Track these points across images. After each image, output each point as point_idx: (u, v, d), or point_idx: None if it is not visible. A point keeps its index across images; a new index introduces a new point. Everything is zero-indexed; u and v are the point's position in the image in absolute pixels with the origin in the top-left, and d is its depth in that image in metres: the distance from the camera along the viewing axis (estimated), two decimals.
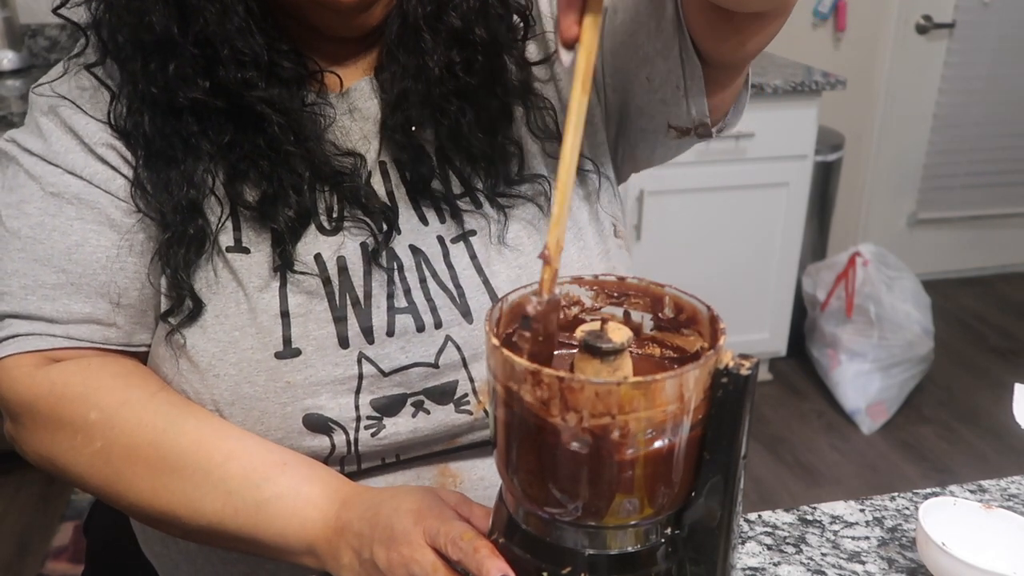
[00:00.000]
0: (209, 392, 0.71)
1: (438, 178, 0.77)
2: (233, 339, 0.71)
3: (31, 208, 0.72)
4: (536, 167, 0.79)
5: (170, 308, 0.72)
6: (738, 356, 0.50)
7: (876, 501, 0.83)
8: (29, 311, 0.72)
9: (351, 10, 0.70)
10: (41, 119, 0.74)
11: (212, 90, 0.70)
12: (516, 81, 0.77)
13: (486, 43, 0.74)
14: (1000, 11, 3.06)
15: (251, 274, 0.72)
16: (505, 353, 0.48)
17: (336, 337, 0.71)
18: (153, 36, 0.68)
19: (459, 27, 0.73)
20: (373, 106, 0.77)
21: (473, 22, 0.73)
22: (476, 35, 0.73)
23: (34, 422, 0.71)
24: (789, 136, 2.43)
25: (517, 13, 0.77)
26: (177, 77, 0.69)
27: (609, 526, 0.51)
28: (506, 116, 0.77)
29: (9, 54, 2.32)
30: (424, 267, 0.74)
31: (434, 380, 0.73)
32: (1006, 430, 2.48)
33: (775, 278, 2.62)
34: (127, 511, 0.73)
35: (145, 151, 0.72)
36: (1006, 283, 3.46)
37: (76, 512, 2.16)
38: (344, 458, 0.73)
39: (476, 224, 0.77)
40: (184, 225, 0.71)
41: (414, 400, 0.73)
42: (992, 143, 3.25)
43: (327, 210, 0.74)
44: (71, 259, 0.72)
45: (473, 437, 0.76)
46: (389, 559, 0.60)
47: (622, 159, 0.86)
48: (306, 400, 0.71)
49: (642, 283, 0.57)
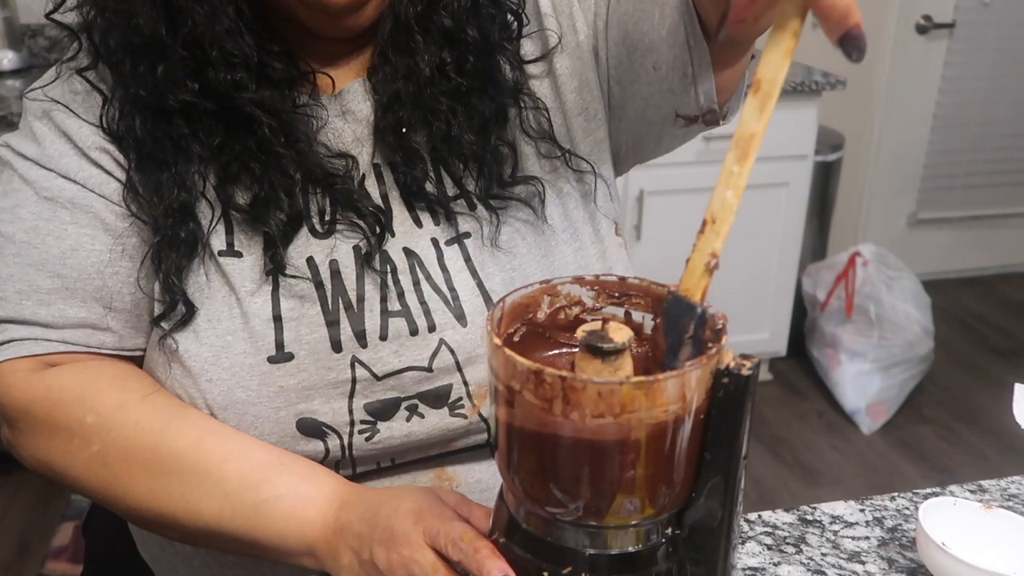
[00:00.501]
0: (202, 397, 0.71)
1: (431, 180, 0.76)
2: (226, 343, 0.71)
3: (25, 212, 0.72)
4: (529, 168, 0.78)
5: (162, 312, 0.71)
6: (739, 356, 0.50)
7: (876, 501, 0.83)
8: (24, 316, 0.71)
9: (341, 11, 0.69)
10: (35, 123, 0.74)
11: (202, 92, 0.69)
12: (509, 81, 0.77)
13: (478, 43, 0.74)
14: (1000, 11, 3.06)
15: (243, 278, 0.72)
16: (507, 353, 0.48)
17: (329, 341, 0.71)
18: (142, 38, 0.68)
19: (450, 27, 0.73)
20: (366, 108, 0.77)
21: (464, 22, 0.73)
22: (467, 35, 0.73)
23: (30, 427, 0.71)
24: (789, 136, 2.43)
25: (510, 12, 0.77)
26: (167, 79, 0.68)
27: (610, 526, 0.51)
28: (499, 117, 0.76)
29: (9, 54, 2.32)
30: (418, 270, 0.74)
31: (428, 384, 0.73)
32: (1006, 430, 2.48)
33: (775, 278, 2.62)
34: (125, 515, 0.72)
35: (137, 154, 0.71)
36: (1006, 283, 3.46)
37: (76, 512, 2.16)
38: (339, 462, 0.73)
39: (470, 226, 0.76)
40: (175, 229, 0.70)
41: (408, 404, 0.73)
42: (992, 143, 3.25)
43: (319, 213, 0.74)
44: (65, 264, 0.71)
45: (468, 441, 0.76)
46: (389, 560, 0.59)
47: (625, 153, 0.85)
48: (299, 404, 0.70)
49: (643, 283, 0.57)
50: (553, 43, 0.79)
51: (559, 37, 0.79)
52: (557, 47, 0.79)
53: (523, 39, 0.79)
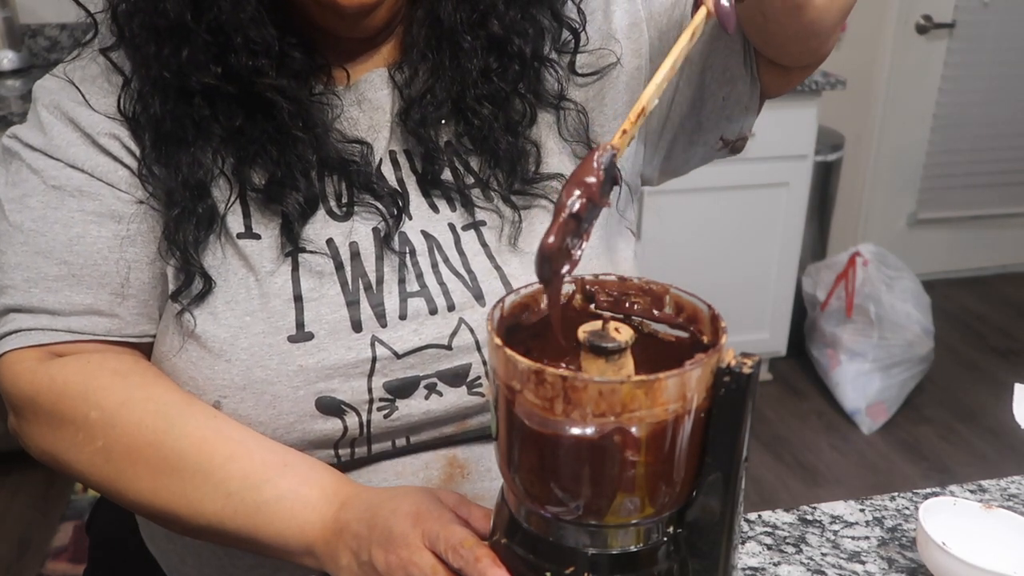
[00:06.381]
0: (220, 378, 0.71)
1: (449, 169, 0.78)
2: (244, 324, 0.71)
3: (33, 202, 0.73)
4: (556, 166, 0.79)
5: (179, 287, 0.72)
6: (740, 355, 0.50)
7: (876, 501, 0.83)
8: (32, 304, 0.72)
9: (354, 13, 0.71)
10: (43, 113, 0.75)
11: (224, 76, 0.71)
12: (552, 90, 0.79)
13: (524, 54, 0.76)
14: (1000, 11, 3.06)
15: (262, 259, 0.73)
16: (508, 352, 0.48)
17: (349, 321, 0.72)
18: (167, 22, 0.69)
19: (500, 35, 0.75)
20: (384, 96, 0.78)
21: (514, 33, 0.75)
22: (515, 45, 0.75)
23: (36, 417, 0.72)
24: (789, 136, 2.43)
25: (568, 29, 0.79)
26: (190, 63, 0.70)
27: (611, 525, 0.52)
28: (531, 119, 0.78)
29: (9, 54, 2.32)
30: (436, 252, 0.75)
31: (447, 362, 0.73)
32: (1006, 430, 2.48)
33: (775, 278, 2.62)
34: (129, 508, 0.73)
35: (155, 133, 0.72)
36: (1006, 283, 3.46)
37: (76, 512, 2.16)
38: (355, 440, 0.73)
39: (487, 216, 0.77)
40: (193, 203, 0.72)
41: (427, 383, 0.73)
42: (992, 143, 3.25)
43: (336, 196, 0.75)
44: (72, 250, 0.72)
45: (483, 419, 0.76)
46: (388, 561, 0.60)
47: (655, 167, 0.89)
48: (319, 384, 0.71)
49: (643, 282, 0.58)
50: (610, 62, 0.80)
51: (618, 59, 0.80)
52: (615, 65, 0.81)
53: (581, 54, 0.80)
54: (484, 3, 0.75)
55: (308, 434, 0.71)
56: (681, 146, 0.86)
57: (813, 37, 0.71)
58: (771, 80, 0.81)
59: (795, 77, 0.81)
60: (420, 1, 0.77)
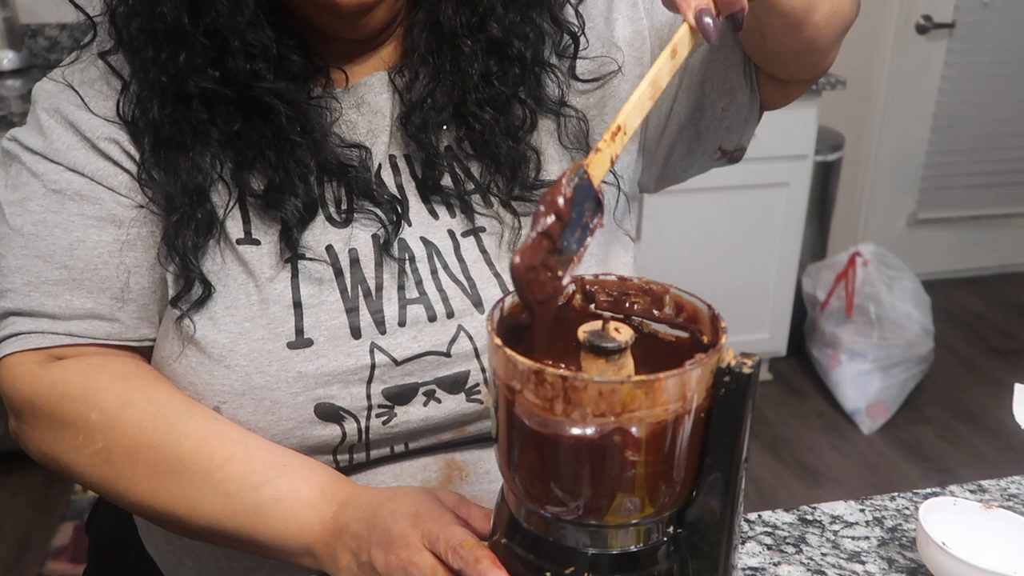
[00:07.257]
0: (219, 383, 0.71)
1: (449, 174, 0.77)
2: (244, 330, 0.71)
3: (33, 205, 0.73)
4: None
5: (178, 293, 0.72)
6: (740, 354, 0.50)
7: (876, 501, 0.83)
8: (32, 307, 0.72)
9: (352, 14, 0.71)
10: (42, 116, 0.75)
11: (222, 80, 0.70)
12: (553, 95, 0.79)
13: (524, 58, 0.76)
14: (1000, 11, 3.06)
15: (262, 265, 0.72)
16: (508, 352, 0.48)
17: (348, 327, 0.72)
18: (165, 26, 0.69)
19: (500, 38, 0.75)
20: (383, 100, 0.78)
21: (514, 36, 0.75)
22: (516, 48, 0.75)
23: (36, 420, 0.72)
24: (789, 136, 2.43)
25: (568, 33, 0.79)
26: (188, 66, 0.70)
27: (611, 525, 0.52)
28: (532, 125, 0.78)
29: (9, 54, 2.32)
30: (435, 259, 0.75)
31: (446, 369, 0.73)
32: (1006, 430, 2.48)
33: (775, 278, 2.62)
34: (129, 509, 0.73)
35: (154, 138, 0.72)
36: (1006, 283, 3.46)
37: (76, 512, 2.16)
38: (354, 446, 0.73)
39: (486, 222, 0.77)
40: (192, 208, 0.72)
41: (426, 390, 0.73)
42: (992, 143, 3.25)
43: (336, 202, 0.75)
44: (72, 255, 0.72)
45: (481, 426, 0.77)
46: (387, 562, 0.60)
47: (652, 176, 0.89)
48: (318, 390, 0.71)
49: (642, 282, 0.58)
50: (611, 70, 0.80)
51: (619, 67, 0.81)
52: (617, 73, 0.81)
53: (582, 59, 0.80)
54: (483, 6, 0.75)
55: (307, 440, 0.71)
56: (679, 155, 0.86)
57: (812, 53, 0.72)
58: (770, 93, 0.81)
59: (794, 90, 0.82)
60: (419, 3, 0.77)
